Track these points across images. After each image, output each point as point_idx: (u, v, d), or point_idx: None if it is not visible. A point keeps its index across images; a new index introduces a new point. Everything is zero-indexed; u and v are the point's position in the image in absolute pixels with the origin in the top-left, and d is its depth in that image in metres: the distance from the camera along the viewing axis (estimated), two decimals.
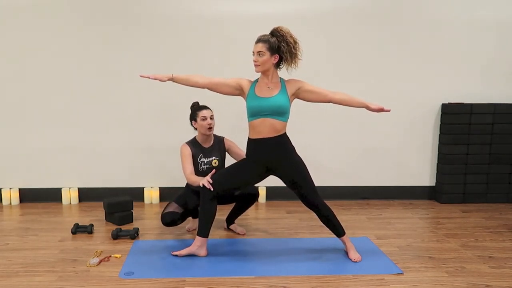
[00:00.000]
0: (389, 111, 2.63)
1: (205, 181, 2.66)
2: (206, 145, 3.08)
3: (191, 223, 3.30)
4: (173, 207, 3.04)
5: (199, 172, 3.05)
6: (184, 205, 3.05)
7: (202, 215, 2.70)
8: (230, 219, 3.27)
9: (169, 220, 2.99)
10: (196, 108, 3.06)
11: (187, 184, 3.18)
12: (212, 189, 2.62)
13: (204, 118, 2.99)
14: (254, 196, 3.15)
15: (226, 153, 3.18)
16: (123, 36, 3.85)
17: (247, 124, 2.66)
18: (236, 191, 3.07)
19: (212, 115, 3.03)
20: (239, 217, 3.34)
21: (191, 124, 3.08)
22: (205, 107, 3.05)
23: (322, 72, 3.87)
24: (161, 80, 2.60)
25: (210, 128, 3.01)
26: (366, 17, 3.94)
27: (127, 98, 3.95)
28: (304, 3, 3.89)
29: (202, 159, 3.05)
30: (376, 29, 3.96)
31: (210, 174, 2.71)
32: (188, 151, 3.02)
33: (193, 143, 3.08)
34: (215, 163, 3.07)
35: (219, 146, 3.11)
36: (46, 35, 3.81)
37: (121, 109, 3.97)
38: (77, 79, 3.89)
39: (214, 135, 3.14)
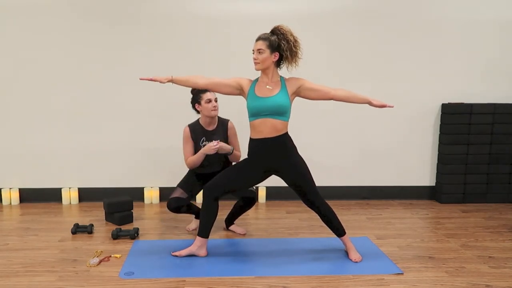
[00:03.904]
0: (392, 107, 2.65)
1: (209, 147, 2.82)
2: (210, 128, 3.04)
3: (191, 223, 3.30)
4: (179, 193, 3.02)
5: None
6: (189, 190, 3.05)
7: (204, 216, 2.71)
8: (230, 220, 3.26)
9: (174, 206, 2.98)
10: (198, 91, 2.96)
11: None
12: (216, 145, 2.83)
13: (209, 101, 2.93)
14: (253, 199, 3.11)
15: None
16: (123, 37, 3.85)
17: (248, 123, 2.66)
18: (236, 192, 3.05)
19: (216, 98, 2.97)
20: (239, 217, 3.34)
21: (194, 107, 3.02)
22: (208, 90, 2.92)
23: (321, 73, 3.83)
24: (161, 82, 2.59)
25: (215, 110, 2.96)
26: (366, 17, 3.94)
27: (127, 98, 3.94)
28: (303, 4, 3.88)
29: (204, 143, 3.00)
30: (376, 29, 3.96)
31: (214, 143, 2.82)
32: (186, 134, 3.00)
33: (194, 127, 3.04)
34: None
35: (223, 128, 3.06)
36: (46, 35, 3.81)
37: (121, 109, 3.96)
38: (77, 79, 3.89)
39: (219, 117, 3.08)
